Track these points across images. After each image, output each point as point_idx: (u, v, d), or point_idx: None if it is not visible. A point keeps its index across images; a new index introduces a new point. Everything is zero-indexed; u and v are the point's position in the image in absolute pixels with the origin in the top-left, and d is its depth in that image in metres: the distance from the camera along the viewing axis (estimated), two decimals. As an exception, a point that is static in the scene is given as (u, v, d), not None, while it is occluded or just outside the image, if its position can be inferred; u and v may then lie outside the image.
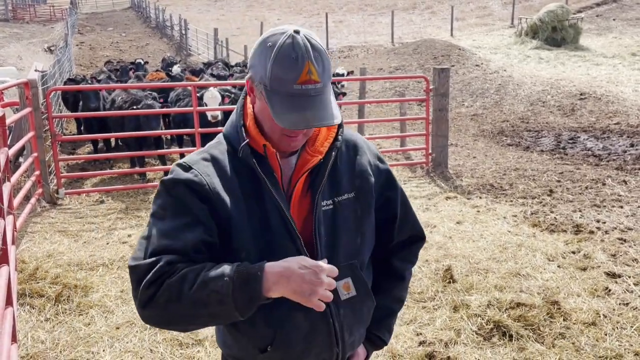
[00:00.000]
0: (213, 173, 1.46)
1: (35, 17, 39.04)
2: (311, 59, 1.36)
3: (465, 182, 7.48)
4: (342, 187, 1.55)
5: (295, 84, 1.36)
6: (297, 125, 1.37)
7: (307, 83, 1.36)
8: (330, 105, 1.42)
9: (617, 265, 4.67)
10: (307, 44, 1.37)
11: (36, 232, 5.69)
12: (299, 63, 1.35)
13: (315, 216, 1.49)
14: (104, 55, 25.14)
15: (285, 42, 1.36)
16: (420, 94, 14.10)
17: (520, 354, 3.42)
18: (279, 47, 1.36)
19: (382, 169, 1.65)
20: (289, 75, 1.35)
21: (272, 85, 1.38)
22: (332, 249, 1.52)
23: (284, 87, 1.37)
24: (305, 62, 1.35)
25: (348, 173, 1.57)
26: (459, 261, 4.78)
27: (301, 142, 1.49)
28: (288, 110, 1.37)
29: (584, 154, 9.79)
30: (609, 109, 13.64)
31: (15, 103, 6.68)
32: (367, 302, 1.62)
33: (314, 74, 1.36)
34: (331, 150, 1.52)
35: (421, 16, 33.73)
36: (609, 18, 27.14)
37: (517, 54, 21.08)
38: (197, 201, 1.42)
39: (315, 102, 1.39)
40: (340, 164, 1.57)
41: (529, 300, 3.99)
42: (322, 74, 1.38)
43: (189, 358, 3.46)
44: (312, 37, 1.40)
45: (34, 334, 3.69)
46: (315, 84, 1.37)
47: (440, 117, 7.93)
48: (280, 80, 1.36)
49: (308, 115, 1.37)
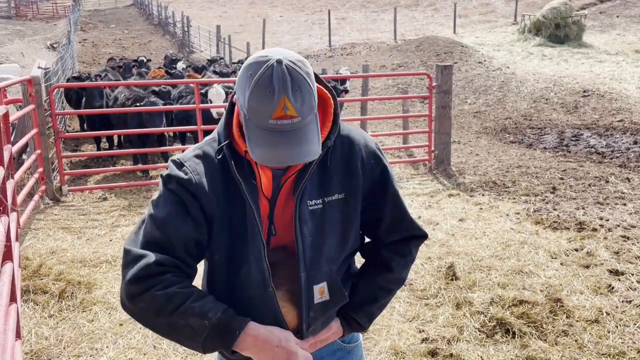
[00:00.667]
0: (202, 172, 1.47)
1: (37, 14, 39.06)
2: (288, 93, 1.31)
3: (468, 180, 7.48)
4: (332, 187, 1.52)
5: (270, 118, 1.33)
6: (268, 162, 1.36)
7: (283, 118, 1.33)
8: (308, 140, 1.37)
9: (620, 262, 4.66)
10: (286, 76, 1.32)
11: (40, 229, 5.70)
12: (275, 98, 1.31)
13: (296, 217, 1.48)
14: (107, 53, 25.16)
15: (264, 74, 1.33)
16: (423, 91, 14.08)
17: (523, 351, 3.42)
18: (257, 78, 1.33)
19: (375, 167, 1.58)
20: (264, 109, 1.33)
21: (249, 115, 1.36)
22: (316, 249, 1.51)
23: (259, 120, 1.35)
24: (282, 97, 1.31)
25: (340, 172, 1.53)
26: (462, 258, 4.78)
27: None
28: (262, 144, 1.36)
29: (587, 151, 9.76)
30: (612, 106, 13.60)
31: (18, 100, 6.70)
32: (339, 304, 1.62)
33: (290, 109, 1.32)
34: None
35: (424, 13, 33.66)
36: (612, 15, 27.04)
37: (520, 51, 21.02)
38: (189, 197, 1.44)
39: (291, 138, 1.35)
40: (332, 163, 1.52)
41: (532, 298, 3.99)
42: (301, 108, 1.33)
43: (192, 354, 3.47)
44: (295, 67, 1.35)
45: (37, 330, 3.71)
46: (291, 118, 1.33)
47: (442, 114, 7.92)
48: (256, 113, 1.34)
49: (280, 152, 1.35)
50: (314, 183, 1.50)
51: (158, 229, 1.42)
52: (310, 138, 1.38)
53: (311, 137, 1.38)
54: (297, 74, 1.34)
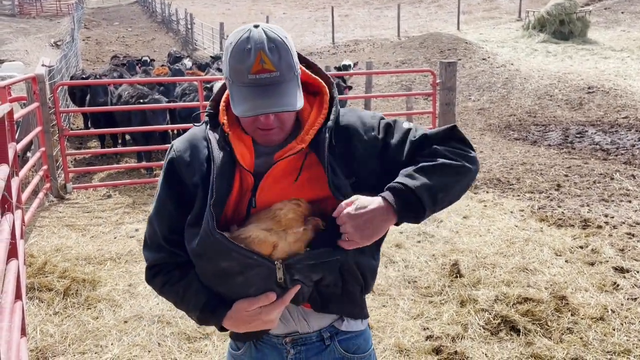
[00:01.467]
0: (185, 147, 1.57)
1: (41, 12, 39.10)
2: (264, 48, 1.39)
3: (472, 177, 7.45)
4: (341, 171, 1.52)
5: (249, 74, 1.40)
6: (249, 112, 1.42)
7: (261, 72, 1.40)
8: (288, 93, 1.43)
9: (625, 260, 4.64)
10: (262, 36, 1.41)
11: (44, 227, 5.72)
12: (252, 54, 1.39)
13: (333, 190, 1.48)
14: (110, 50, 25.17)
15: (242, 37, 1.42)
16: (427, 88, 14.05)
17: (528, 348, 3.41)
18: (235, 42, 1.43)
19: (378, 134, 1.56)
20: (242, 66, 1.41)
21: (231, 77, 1.44)
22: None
23: (240, 78, 1.42)
24: (258, 52, 1.39)
25: (343, 159, 1.53)
26: (466, 256, 4.77)
27: (277, 135, 1.51)
28: (244, 100, 1.43)
29: (592, 148, 9.72)
30: (617, 102, 13.53)
31: (22, 98, 6.71)
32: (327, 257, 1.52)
33: (267, 63, 1.39)
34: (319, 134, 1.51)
35: (427, 10, 33.55)
36: (617, 11, 26.89)
37: (524, 47, 20.92)
38: (171, 174, 1.56)
39: (270, 90, 1.41)
40: (333, 151, 1.52)
41: (537, 295, 3.98)
42: (279, 63, 1.41)
43: (196, 351, 3.48)
44: (273, 30, 1.44)
45: (43, 328, 3.72)
46: (269, 72, 1.40)
47: (447, 111, 7.90)
48: (236, 72, 1.42)
49: (260, 102, 1.41)
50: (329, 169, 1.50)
51: (149, 225, 1.60)
52: (290, 93, 1.44)
53: (291, 93, 1.44)
54: (274, 34, 1.43)
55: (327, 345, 1.61)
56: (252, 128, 1.51)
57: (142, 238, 5.50)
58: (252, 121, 1.48)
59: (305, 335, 1.60)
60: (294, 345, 1.61)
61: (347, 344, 1.63)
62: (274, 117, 1.48)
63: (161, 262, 1.58)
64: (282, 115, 1.49)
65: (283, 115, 1.49)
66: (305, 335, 1.60)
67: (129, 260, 4.86)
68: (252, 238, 1.44)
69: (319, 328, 1.61)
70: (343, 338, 1.63)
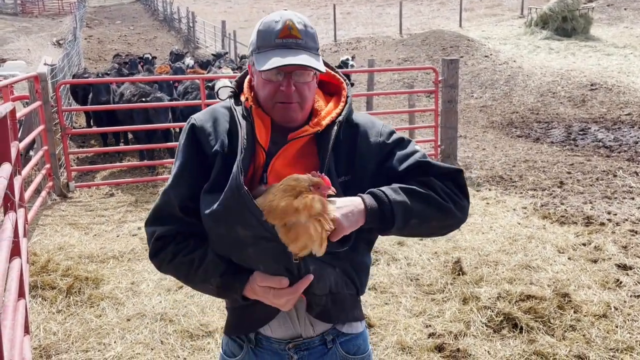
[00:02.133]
0: (207, 118, 1.60)
1: (44, 11, 39.12)
2: (293, 20, 1.51)
3: (475, 174, 7.45)
4: (340, 168, 1.54)
5: (277, 38, 1.50)
6: (271, 66, 1.46)
7: (288, 37, 1.49)
8: (311, 59, 1.50)
9: (628, 257, 4.63)
10: (292, 14, 1.53)
11: (47, 225, 5.73)
12: (281, 22, 1.51)
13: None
14: (113, 49, 25.18)
15: (273, 16, 1.54)
16: (429, 85, 14.02)
17: (530, 346, 3.41)
18: (266, 19, 1.55)
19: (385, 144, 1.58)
20: (271, 31, 1.51)
21: (258, 44, 1.52)
22: None
23: (267, 42, 1.51)
24: (287, 20, 1.51)
25: (347, 155, 1.56)
26: (469, 253, 4.76)
27: (296, 112, 1.53)
28: (270, 58, 1.48)
29: (595, 145, 9.69)
30: (620, 99, 13.48)
31: (25, 97, 6.72)
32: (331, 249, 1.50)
33: (294, 29, 1.50)
34: (333, 125, 1.54)
35: (429, 7, 33.47)
36: (620, 7, 26.78)
37: (526, 44, 20.86)
38: (190, 140, 1.57)
39: (294, 52, 1.49)
40: (341, 144, 1.55)
41: (539, 293, 3.97)
42: (305, 33, 1.51)
43: (199, 349, 3.48)
44: (301, 16, 1.55)
45: (46, 326, 3.73)
46: (296, 39, 1.50)
47: (449, 108, 7.88)
48: (264, 38, 1.51)
49: (284, 59, 1.47)
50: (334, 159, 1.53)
51: (162, 196, 1.57)
52: (313, 59, 1.51)
53: (314, 59, 1.51)
54: (303, 17, 1.56)
55: (329, 348, 1.61)
56: (271, 103, 1.53)
57: (144, 236, 5.51)
58: (272, 94, 1.52)
59: (308, 340, 1.60)
60: (297, 351, 1.60)
61: (348, 345, 1.64)
62: (295, 91, 1.51)
63: (173, 233, 1.54)
64: (302, 91, 1.52)
65: (303, 91, 1.52)
66: (308, 340, 1.60)
67: (132, 258, 4.87)
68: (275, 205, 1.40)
69: (322, 331, 1.61)
70: (344, 340, 1.63)
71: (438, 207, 1.50)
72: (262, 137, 1.53)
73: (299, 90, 1.51)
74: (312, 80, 1.55)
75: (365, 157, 1.56)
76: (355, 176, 1.55)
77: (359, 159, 1.56)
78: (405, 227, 1.49)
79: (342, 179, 1.54)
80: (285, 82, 1.50)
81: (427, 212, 1.49)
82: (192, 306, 3.97)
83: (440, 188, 1.53)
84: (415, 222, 1.49)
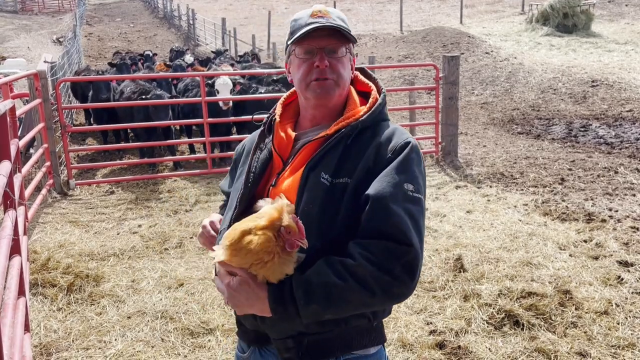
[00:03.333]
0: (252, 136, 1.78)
1: (43, 9, 39.08)
2: (324, 7, 1.61)
3: (476, 171, 7.43)
4: (343, 170, 1.51)
5: (309, 17, 1.58)
6: (303, 31, 1.54)
7: (319, 17, 1.58)
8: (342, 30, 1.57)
9: (629, 253, 4.62)
10: (324, 5, 1.63)
11: (47, 223, 5.73)
12: (311, 9, 1.60)
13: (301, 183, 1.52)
14: (113, 46, 25.16)
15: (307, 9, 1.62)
16: (430, 82, 13.98)
17: (532, 343, 3.40)
18: (296, 14, 1.65)
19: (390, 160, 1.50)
20: (302, 17, 1.60)
21: (292, 29, 1.60)
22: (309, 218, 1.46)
23: (299, 25, 1.59)
24: (315, 6, 1.61)
25: (354, 158, 1.53)
26: (470, 250, 4.76)
27: (333, 89, 1.58)
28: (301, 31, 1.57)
29: (596, 142, 9.67)
30: (621, 96, 13.45)
31: (25, 94, 6.71)
32: None
33: (323, 11, 1.59)
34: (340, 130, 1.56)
35: (430, 4, 33.40)
36: (621, 4, 26.71)
37: (527, 41, 20.81)
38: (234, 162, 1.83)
39: (325, 24, 1.56)
40: (353, 148, 1.54)
41: (541, 290, 3.96)
42: (335, 14, 1.60)
43: (199, 347, 3.48)
44: (335, 9, 1.63)
45: (46, 323, 3.73)
46: (327, 17, 1.58)
47: (449, 105, 7.87)
48: (297, 27, 1.59)
49: (316, 27, 1.55)
50: (332, 159, 1.53)
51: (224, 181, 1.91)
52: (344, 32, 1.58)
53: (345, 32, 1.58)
54: (336, 10, 1.64)
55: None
56: (307, 81, 1.58)
57: (144, 234, 5.50)
58: (307, 72, 1.57)
59: None
60: None
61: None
62: (329, 67, 1.56)
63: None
64: (336, 67, 1.57)
65: (337, 67, 1.57)
66: None
67: (132, 256, 4.86)
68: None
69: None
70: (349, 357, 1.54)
71: (350, 281, 1.37)
72: (281, 146, 1.64)
73: (332, 66, 1.57)
74: (346, 56, 1.60)
75: (369, 167, 1.50)
76: (356, 181, 1.49)
77: (362, 166, 1.50)
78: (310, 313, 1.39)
79: (344, 179, 1.50)
80: (318, 57, 1.56)
81: (335, 289, 1.37)
82: (193, 304, 3.97)
83: (371, 257, 1.37)
84: (318, 295, 1.37)
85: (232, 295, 1.42)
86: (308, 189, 1.51)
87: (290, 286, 1.39)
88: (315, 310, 1.38)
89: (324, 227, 1.48)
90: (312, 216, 1.48)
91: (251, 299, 1.40)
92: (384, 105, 1.65)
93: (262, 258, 1.37)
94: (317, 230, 1.47)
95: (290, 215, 1.40)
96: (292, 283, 1.39)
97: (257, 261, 1.37)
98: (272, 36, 23.94)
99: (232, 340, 3.52)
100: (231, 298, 1.43)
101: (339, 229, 1.48)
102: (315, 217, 1.48)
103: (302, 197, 1.50)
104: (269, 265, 1.37)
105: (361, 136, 1.56)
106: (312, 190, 1.50)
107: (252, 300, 1.40)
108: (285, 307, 1.38)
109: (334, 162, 1.52)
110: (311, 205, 1.49)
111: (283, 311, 1.39)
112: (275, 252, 1.37)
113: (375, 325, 1.57)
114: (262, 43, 23.98)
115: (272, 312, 1.40)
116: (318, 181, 1.50)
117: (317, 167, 1.52)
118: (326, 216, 1.48)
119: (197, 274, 4.47)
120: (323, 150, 1.53)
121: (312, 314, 1.39)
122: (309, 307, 1.37)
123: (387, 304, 1.52)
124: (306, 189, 1.51)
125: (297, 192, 1.51)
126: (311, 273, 1.40)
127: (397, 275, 1.37)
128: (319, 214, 1.48)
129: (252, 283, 1.40)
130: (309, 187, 1.51)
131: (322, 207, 1.48)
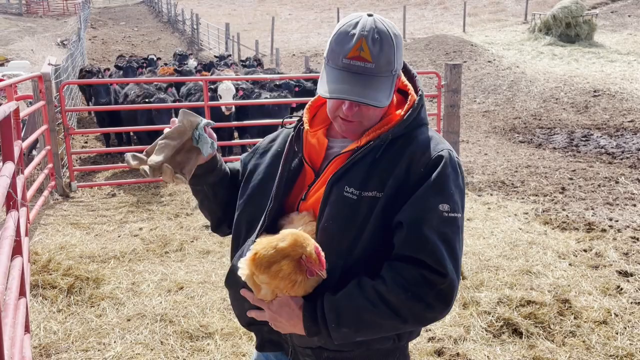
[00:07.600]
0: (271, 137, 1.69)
1: (48, 11, 39.27)
2: (367, 38, 1.37)
3: (477, 179, 7.45)
4: (373, 182, 1.43)
5: (345, 57, 1.39)
6: (326, 94, 1.40)
7: (356, 59, 1.38)
8: (377, 88, 1.39)
9: (629, 263, 4.62)
10: (372, 25, 1.39)
11: (49, 224, 5.74)
12: (354, 39, 1.37)
13: (324, 197, 1.47)
14: (116, 50, 25.25)
15: (351, 22, 1.41)
16: (432, 90, 14.01)
17: (530, 351, 3.40)
18: (343, 24, 1.42)
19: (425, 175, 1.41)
20: (341, 48, 1.39)
21: (328, 57, 1.43)
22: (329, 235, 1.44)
23: (335, 61, 1.41)
24: (360, 39, 1.37)
25: (386, 172, 1.43)
26: (469, 258, 4.76)
27: (356, 128, 1.48)
28: (331, 81, 1.41)
29: (597, 151, 9.68)
30: (623, 106, 13.47)
31: (28, 96, 6.75)
32: None
33: (365, 51, 1.37)
34: (370, 142, 1.46)
35: (433, 12, 33.51)
36: (624, 14, 26.79)
37: (530, 50, 20.86)
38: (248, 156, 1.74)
39: (359, 80, 1.39)
40: (384, 159, 1.44)
41: (540, 298, 3.97)
42: (377, 55, 1.38)
43: (198, 350, 3.49)
44: (384, 23, 1.42)
45: (46, 325, 3.73)
46: (364, 62, 1.38)
47: (451, 113, 7.88)
48: (334, 53, 1.41)
49: (344, 88, 1.38)
50: (359, 172, 1.44)
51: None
52: (378, 87, 1.40)
53: (380, 88, 1.40)
54: (383, 27, 1.41)
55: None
56: (334, 114, 1.49)
57: (145, 237, 5.50)
58: (336, 108, 1.47)
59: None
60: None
61: None
62: (357, 111, 1.44)
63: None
64: (365, 111, 1.45)
65: (367, 111, 1.45)
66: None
67: (133, 258, 4.88)
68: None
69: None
70: None
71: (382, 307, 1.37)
72: (312, 157, 1.55)
73: (361, 111, 1.45)
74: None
75: (401, 183, 1.42)
76: (387, 197, 1.42)
77: (394, 181, 1.42)
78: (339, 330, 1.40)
79: (373, 193, 1.42)
80: (347, 104, 1.44)
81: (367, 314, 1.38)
82: (192, 307, 3.97)
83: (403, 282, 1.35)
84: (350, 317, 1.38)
85: (274, 317, 1.45)
86: (331, 203, 1.44)
87: (323, 308, 1.40)
88: (347, 334, 1.40)
89: (346, 245, 1.43)
90: (331, 233, 1.43)
91: (293, 319, 1.42)
92: (419, 108, 1.52)
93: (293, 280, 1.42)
94: (338, 248, 1.43)
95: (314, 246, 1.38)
96: (324, 305, 1.40)
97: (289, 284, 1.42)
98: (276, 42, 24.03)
99: (231, 344, 3.53)
100: (273, 320, 1.46)
101: (365, 245, 1.43)
102: (335, 234, 1.43)
103: (324, 212, 1.45)
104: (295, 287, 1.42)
105: (393, 146, 1.46)
106: (334, 205, 1.43)
107: (295, 321, 1.42)
108: (318, 329, 1.40)
109: (361, 175, 1.43)
110: (331, 222, 1.43)
111: (316, 332, 1.41)
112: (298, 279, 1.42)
113: (401, 346, 1.57)
114: (266, 49, 24.07)
115: (306, 332, 1.42)
116: (342, 195, 1.43)
117: (340, 180, 1.44)
118: (349, 233, 1.43)
119: (197, 278, 4.48)
120: (349, 163, 1.45)
121: (343, 337, 1.40)
122: (340, 330, 1.39)
123: (419, 327, 1.55)
124: (329, 203, 1.44)
125: (319, 207, 1.46)
126: (343, 296, 1.39)
127: (430, 303, 1.36)
128: (340, 230, 1.43)
129: (293, 303, 1.42)
130: (332, 202, 1.44)
131: (344, 224, 1.42)
